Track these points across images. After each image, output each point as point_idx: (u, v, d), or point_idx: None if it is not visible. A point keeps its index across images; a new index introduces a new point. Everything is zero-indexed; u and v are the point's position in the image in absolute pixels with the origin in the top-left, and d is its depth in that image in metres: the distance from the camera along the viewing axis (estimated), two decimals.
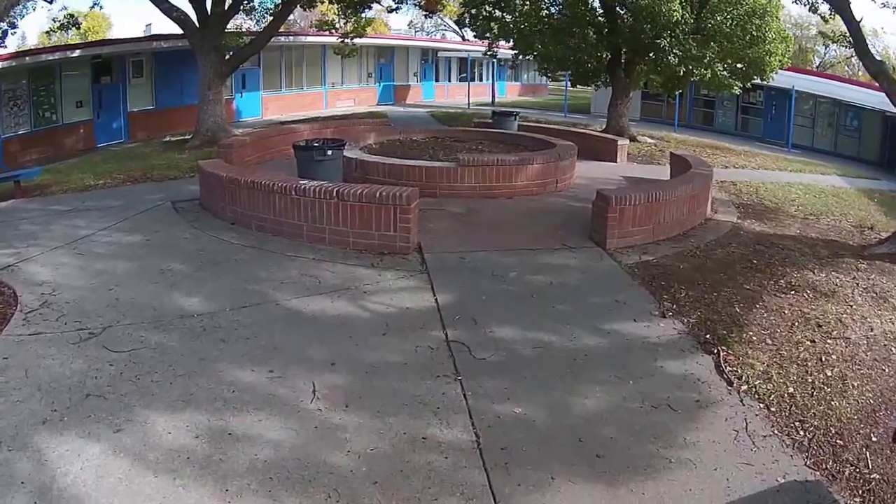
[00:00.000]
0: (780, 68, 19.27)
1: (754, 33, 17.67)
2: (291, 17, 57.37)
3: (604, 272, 7.79)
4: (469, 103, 33.07)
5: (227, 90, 25.60)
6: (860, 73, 50.51)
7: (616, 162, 15.34)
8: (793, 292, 7.34)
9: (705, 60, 17.55)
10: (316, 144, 10.00)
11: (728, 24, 17.47)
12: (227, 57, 17.97)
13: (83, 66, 21.56)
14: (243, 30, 22.29)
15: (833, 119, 26.90)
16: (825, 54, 46.64)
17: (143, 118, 23.44)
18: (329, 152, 9.68)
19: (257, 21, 18.45)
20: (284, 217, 8.54)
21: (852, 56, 51.02)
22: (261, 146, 14.25)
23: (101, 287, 6.90)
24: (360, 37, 22.80)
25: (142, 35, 27.35)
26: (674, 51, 17.07)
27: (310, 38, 28.93)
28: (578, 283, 7.38)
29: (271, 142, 14.64)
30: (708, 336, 6.10)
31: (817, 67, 46.35)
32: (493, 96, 36.19)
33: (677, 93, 23.64)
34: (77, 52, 20.96)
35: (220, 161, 10.93)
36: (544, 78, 47.18)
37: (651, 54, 18.39)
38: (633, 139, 19.06)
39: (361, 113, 26.40)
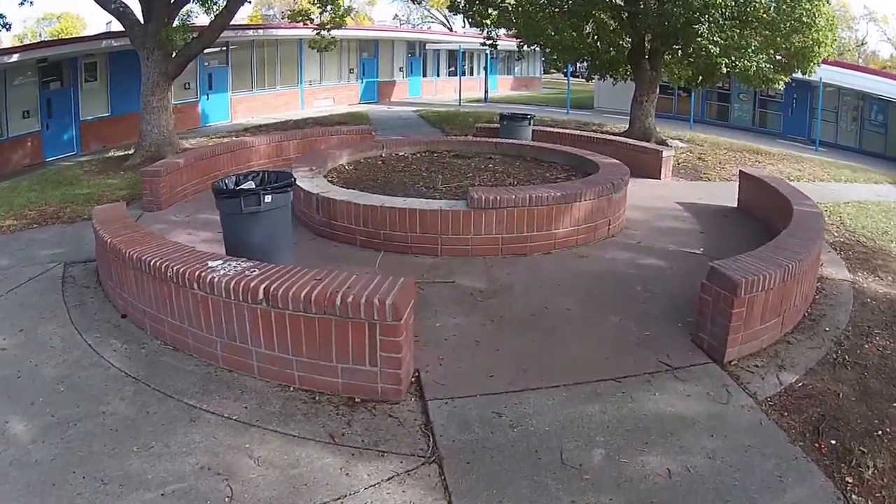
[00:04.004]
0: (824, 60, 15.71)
1: (803, 19, 13.98)
2: (271, 11, 53.13)
3: (744, 430, 4.17)
4: (460, 100, 29.13)
5: (191, 92, 21.89)
6: (859, 61, 47.18)
7: (660, 179, 11.61)
8: None
9: (749, 51, 13.83)
10: (248, 185, 6.15)
11: (774, 6, 13.77)
12: (174, 55, 14.01)
13: (30, 70, 17.73)
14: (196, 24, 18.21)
15: (857, 113, 23.43)
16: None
17: (97, 127, 19.62)
18: (268, 199, 5.83)
19: (207, 9, 14.58)
20: (188, 323, 4.84)
21: (862, 43, 47.86)
22: (201, 170, 10.40)
23: None
24: (339, 27, 18.84)
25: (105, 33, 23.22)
26: (714, 38, 13.32)
27: (283, 32, 24.85)
28: (715, 469, 3.76)
29: (216, 163, 10.78)
30: None
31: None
32: (486, 91, 32.26)
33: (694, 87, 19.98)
34: (15, 57, 16.95)
35: (119, 207, 7.09)
36: (539, 71, 43.61)
37: (681, 42, 14.66)
38: (662, 143, 15.35)
39: (340, 114, 22.42)
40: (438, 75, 35.46)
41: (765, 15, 13.87)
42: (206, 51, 21.52)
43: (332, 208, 7.33)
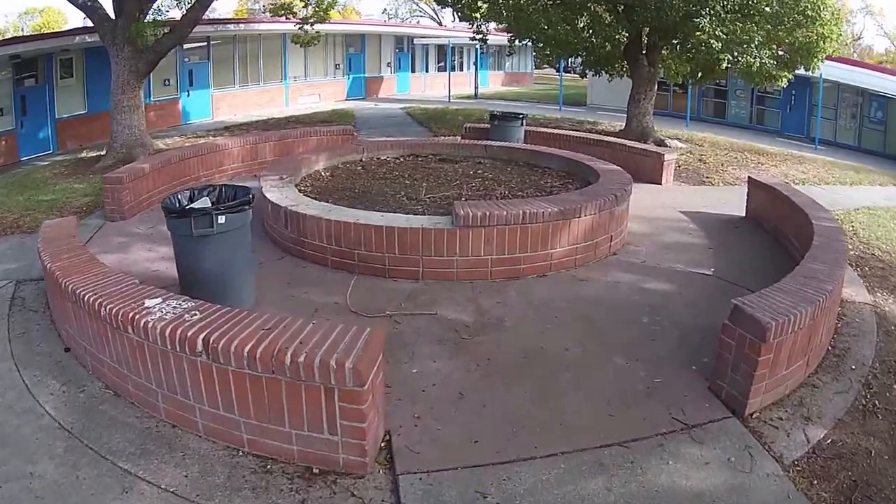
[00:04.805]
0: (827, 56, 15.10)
1: (808, 12, 13.30)
2: (257, 4, 51.99)
3: None
4: (449, 96, 28.33)
5: (171, 88, 21.00)
6: (854, 56, 46.59)
7: (661, 184, 10.88)
8: None
9: (753, 45, 13.13)
10: (202, 203, 5.39)
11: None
12: (145, 51, 13.19)
13: (3, 67, 16.81)
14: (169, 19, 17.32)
15: (857, 110, 22.79)
16: None
17: (73, 125, 18.67)
18: (221, 219, 5.07)
19: (179, 3, 13.76)
20: (126, 368, 4.15)
21: (858, 38, 47.34)
22: (169, 175, 9.63)
23: None
24: (322, 22, 18.00)
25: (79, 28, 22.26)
26: (716, 32, 12.61)
27: (266, 26, 23.95)
28: None
29: (185, 167, 10.01)
30: None
31: None
32: (476, 87, 31.45)
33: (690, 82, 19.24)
34: None
35: (69, 223, 6.33)
36: (530, 66, 42.80)
37: (680, 36, 13.94)
38: (660, 143, 14.65)
39: (325, 112, 21.60)
40: (427, 71, 34.58)
41: (767, 8, 13.20)
42: (186, 46, 20.78)
43: (302, 224, 6.56)
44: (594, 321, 5.44)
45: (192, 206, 5.29)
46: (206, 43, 21.86)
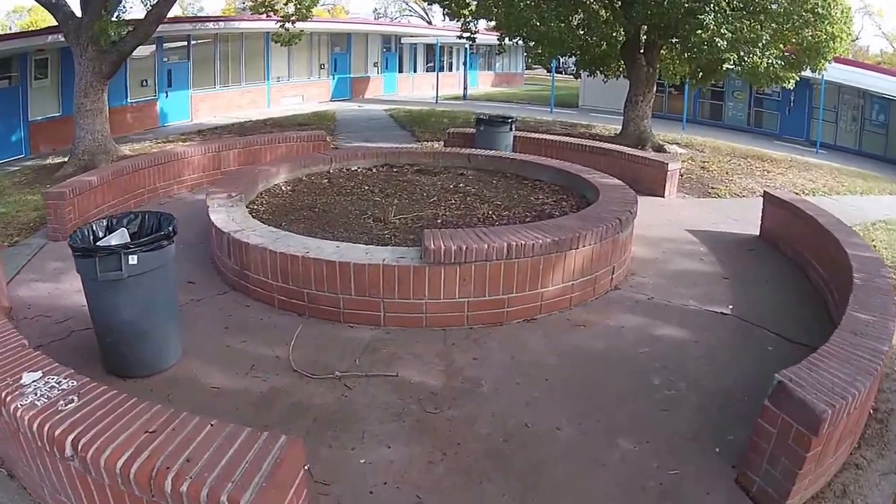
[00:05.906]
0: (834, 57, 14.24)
1: (818, 10, 12.37)
2: (242, 3, 50.75)
3: None
4: (437, 97, 27.27)
5: (149, 89, 19.88)
6: (849, 56, 45.71)
7: (664, 196, 9.86)
8: None
9: (760, 45, 12.17)
10: (118, 236, 4.35)
11: None
12: (110, 50, 12.15)
13: None
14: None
15: (858, 113, 21.89)
16: None
17: (47, 127, 17.48)
18: (133, 260, 4.01)
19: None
20: (12, 450, 3.26)
21: (856, 39, 46.40)
22: (121, 188, 8.59)
23: None
24: (304, 20, 16.93)
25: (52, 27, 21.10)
26: (721, 30, 11.63)
27: (248, 24, 22.78)
28: None
29: (140, 178, 8.95)
30: None
31: None
32: (465, 88, 30.37)
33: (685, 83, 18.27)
34: None
35: None
36: (520, 66, 41.73)
37: (681, 34, 12.96)
38: (659, 149, 13.67)
39: (305, 114, 20.55)
40: (415, 71, 33.41)
41: (774, 5, 12.25)
42: (165, 46, 19.70)
43: (245, 254, 5.49)
44: (594, 385, 4.37)
45: (105, 240, 4.25)
46: (185, 42, 20.81)
